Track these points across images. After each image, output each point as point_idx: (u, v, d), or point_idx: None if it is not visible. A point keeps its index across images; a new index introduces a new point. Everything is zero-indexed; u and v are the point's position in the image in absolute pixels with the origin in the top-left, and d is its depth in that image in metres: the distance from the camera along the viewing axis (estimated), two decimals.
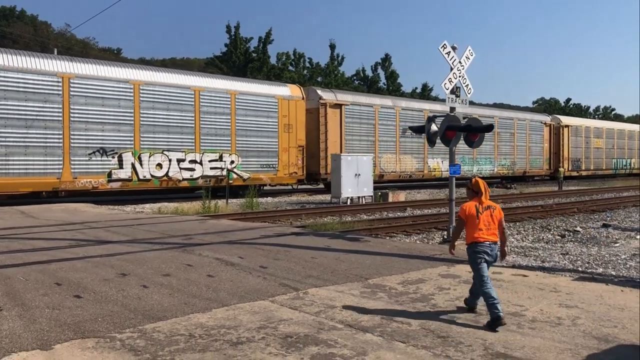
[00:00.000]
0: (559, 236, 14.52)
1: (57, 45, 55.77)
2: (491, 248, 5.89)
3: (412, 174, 34.92)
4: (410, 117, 34.76)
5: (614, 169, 54.08)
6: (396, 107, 34.56)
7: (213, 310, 6.00)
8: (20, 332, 5.20)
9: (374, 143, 32.85)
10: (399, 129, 34.17)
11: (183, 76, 25.57)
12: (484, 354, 4.69)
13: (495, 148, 41.05)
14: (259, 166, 27.43)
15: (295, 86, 30.40)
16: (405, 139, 34.42)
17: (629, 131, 57.50)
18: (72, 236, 11.79)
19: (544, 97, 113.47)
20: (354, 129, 31.87)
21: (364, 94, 36.97)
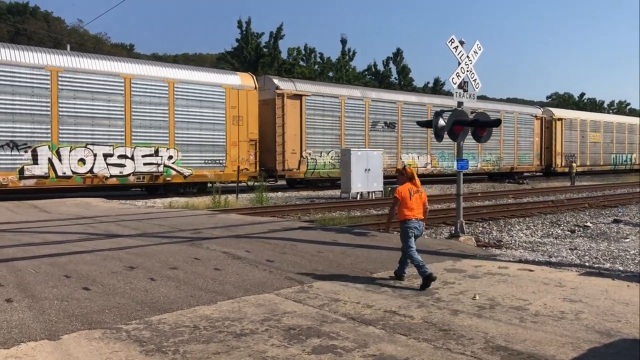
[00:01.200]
0: (568, 231, 14.46)
1: (71, 41, 56.20)
2: (419, 224, 7.29)
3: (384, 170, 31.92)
4: (381, 109, 32.49)
5: (613, 165, 51.04)
6: (365, 99, 31.92)
7: (218, 303, 6.08)
8: (29, 322, 5.31)
9: (340, 137, 30.53)
10: (368, 122, 31.82)
11: (111, 62, 23.04)
12: (485, 347, 4.72)
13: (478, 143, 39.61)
14: (202, 162, 25.09)
15: (247, 75, 27.73)
16: (376, 132, 32.18)
17: (630, 124, 54.18)
18: (82, 230, 11.94)
19: (557, 92, 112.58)
20: (316, 122, 29.48)
21: (328, 84, 34.37)
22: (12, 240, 10.28)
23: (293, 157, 28.56)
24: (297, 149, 28.72)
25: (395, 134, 33.00)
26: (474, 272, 7.81)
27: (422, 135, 34.26)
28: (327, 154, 29.92)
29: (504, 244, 12.00)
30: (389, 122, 32.72)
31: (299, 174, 28.69)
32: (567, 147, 45.13)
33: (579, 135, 46.41)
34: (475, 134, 11.60)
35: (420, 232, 7.30)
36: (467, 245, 10.68)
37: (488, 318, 5.56)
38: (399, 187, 7.35)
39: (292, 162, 28.48)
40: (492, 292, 6.63)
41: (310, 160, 29.19)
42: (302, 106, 28.81)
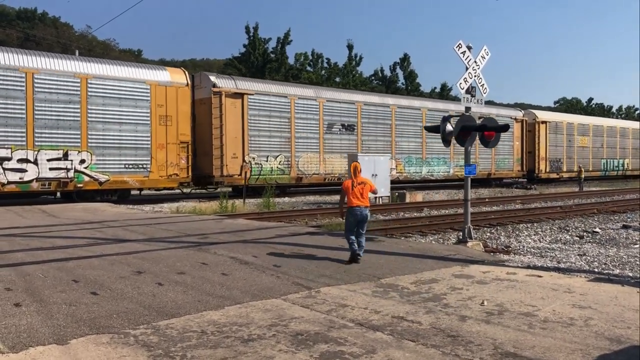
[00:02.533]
0: (577, 237, 14.37)
1: (79, 47, 56.61)
2: (361, 210, 8.88)
3: (341, 176, 29.20)
4: (338, 110, 30.14)
5: (603, 171, 48.05)
6: (319, 99, 29.32)
7: (226, 308, 6.08)
8: (38, 327, 5.33)
9: (289, 140, 28.00)
10: (323, 124, 29.28)
11: (8, 55, 20.51)
12: (494, 353, 4.69)
13: (451, 147, 33.94)
14: (122, 166, 22.44)
15: (178, 70, 25.15)
16: (332, 135, 29.71)
17: (622, 128, 51.28)
18: (90, 235, 11.99)
19: (565, 97, 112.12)
20: (261, 124, 26.97)
21: (275, 82, 31.30)
22: (20, 245, 10.34)
23: (234, 162, 25.87)
24: (239, 153, 26.09)
25: (354, 137, 30.69)
26: (482, 277, 7.77)
27: (385, 139, 32.34)
28: (275, 159, 27.45)
29: (512, 250, 11.93)
30: (347, 124, 30.49)
31: (241, 181, 25.61)
32: (552, 152, 42.70)
33: (565, 139, 44.00)
34: (483, 139, 11.56)
35: (363, 216, 8.92)
36: (475, 251, 10.63)
37: (496, 324, 5.53)
38: (345, 181, 9.14)
39: (232, 167, 25.82)
40: (500, 298, 6.60)
41: (255, 166, 26.69)
42: (244, 106, 26.30)
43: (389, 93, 52.20)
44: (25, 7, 77.43)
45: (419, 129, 33.49)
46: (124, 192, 23.36)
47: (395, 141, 32.59)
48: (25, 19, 75.41)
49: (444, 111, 33.87)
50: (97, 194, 22.24)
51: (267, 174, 27.07)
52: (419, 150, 33.99)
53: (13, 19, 75.27)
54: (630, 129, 52.16)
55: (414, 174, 33.61)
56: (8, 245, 10.34)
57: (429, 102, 36.98)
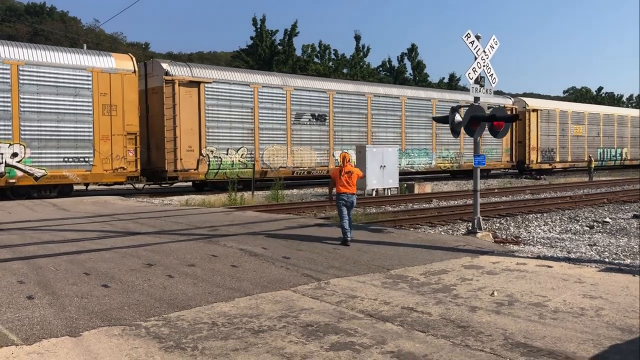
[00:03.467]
0: (587, 227, 14.30)
1: (87, 40, 56.74)
2: (347, 196, 9.80)
3: (311, 169, 27.97)
4: (307, 99, 28.11)
5: (600, 161, 45.32)
6: (286, 87, 27.34)
7: (236, 300, 6.11)
8: (50, 319, 5.38)
9: (253, 132, 26.08)
10: (290, 114, 27.38)
11: None
12: (504, 343, 4.69)
13: (433, 137, 33.78)
14: (61, 160, 20.78)
15: (125, 56, 23.07)
16: (302, 126, 27.81)
17: (619, 116, 48.30)
18: (101, 228, 12.07)
19: (574, 87, 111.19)
20: (220, 114, 25.06)
21: (237, 70, 28.71)
22: (32, 238, 10.42)
23: (189, 155, 24.01)
24: (195, 146, 24.21)
25: (326, 127, 28.73)
26: (491, 268, 7.75)
27: (360, 130, 30.46)
28: (237, 152, 25.50)
29: (521, 240, 11.89)
30: (318, 114, 28.50)
31: (198, 175, 24.26)
32: (544, 142, 40.34)
33: (558, 128, 41.57)
34: (492, 129, 11.50)
35: (350, 203, 9.84)
36: (485, 242, 10.61)
37: (507, 314, 5.52)
38: (332, 170, 10.28)
39: (188, 161, 23.95)
40: (510, 288, 6.58)
41: (213, 159, 24.73)
42: (200, 95, 24.40)
43: (397, 84, 51.74)
44: (33, 2, 77.68)
45: (397, 119, 32.05)
46: (64, 188, 21.61)
47: (372, 132, 30.85)
48: (34, 14, 75.67)
49: (426, 99, 33.35)
50: (34, 190, 20.70)
51: (228, 168, 25.11)
52: (398, 141, 31.96)
53: (22, 14, 75.57)
54: (629, 117, 49.63)
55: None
56: (20, 238, 10.43)
57: (409, 90, 34.66)
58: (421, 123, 33.10)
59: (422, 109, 33.18)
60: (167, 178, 23.92)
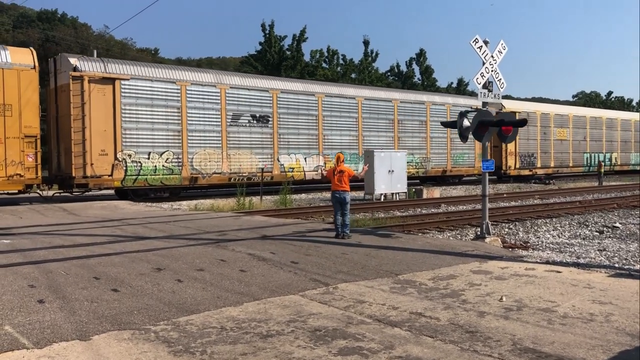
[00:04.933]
0: (596, 232, 14.22)
1: (97, 46, 57.21)
2: (340, 194, 10.83)
3: (252, 175, 25.51)
4: (246, 98, 25.62)
5: (587, 166, 43.09)
6: (220, 85, 24.85)
7: (244, 304, 6.13)
8: (61, 323, 5.43)
9: (180, 134, 23.51)
10: (226, 114, 24.91)
11: None
12: (512, 349, 4.68)
13: (395, 140, 31.31)
14: None
15: (24, 50, 20.82)
16: (240, 128, 25.36)
17: (608, 119, 45.43)
18: (110, 232, 12.15)
19: (584, 91, 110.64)
20: (140, 114, 22.47)
21: (160, 66, 25.99)
22: (43, 243, 10.51)
23: (102, 159, 21.45)
24: (110, 150, 21.67)
25: (269, 129, 26.29)
26: (500, 273, 7.73)
27: (309, 132, 27.90)
28: (160, 156, 22.91)
29: (530, 245, 11.85)
30: (260, 115, 26.05)
31: (113, 182, 21.77)
32: (524, 146, 37.67)
33: (539, 132, 39.12)
34: (500, 134, 11.48)
35: (341, 199, 10.81)
36: (493, 247, 10.58)
37: (515, 320, 5.51)
38: (328, 169, 11.27)
39: (100, 166, 21.39)
40: (519, 293, 6.56)
41: (132, 164, 22.13)
42: (116, 93, 21.86)
43: (405, 89, 51.44)
44: (45, 9, 78.44)
45: (354, 121, 29.59)
46: None
47: (324, 135, 28.34)
48: (46, 20, 76.38)
49: (386, 100, 31.04)
50: None
51: (150, 174, 22.61)
52: (355, 145, 29.63)
53: (33, 20, 76.31)
54: (619, 120, 46.67)
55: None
56: (31, 243, 10.53)
57: (367, 89, 32.07)
58: (381, 125, 30.81)
59: (383, 110, 30.85)
60: (74, 185, 21.23)
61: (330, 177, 11.07)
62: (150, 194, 22.78)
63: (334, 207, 11.02)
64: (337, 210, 10.87)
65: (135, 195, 22.78)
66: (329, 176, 11.15)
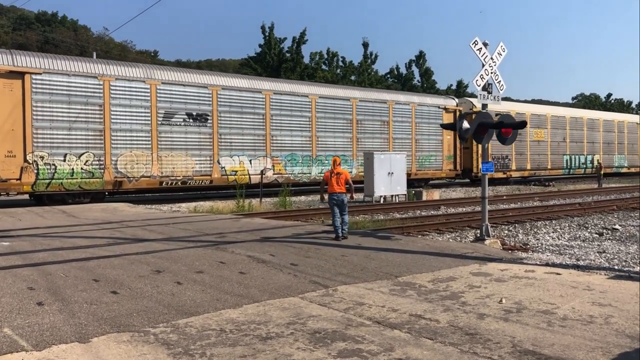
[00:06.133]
0: (596, 234, 14.22)
1: (96, 49, 57.24)
2: (337, 196, 11.04)
3: (188, 179, 23.79)
4: (181, 95, 23.74)
5: (567, 169, 41.69)
6: (151, 81, 22.84)
7: (244, 306, 6.13)
8: (60, 325, 5.42)
9: (102, 134, 21.58)
10: (157, 112, 22.93)
11: None
12: (512, 351, 4.67)
13: (353, 141, 29.61)
14: None
15: None
16: (174, 127, 23.42)
17: (589, 119, 43.88)
18: (110, 234, 12.14)
19: (583, 93, 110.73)
20: (55, 112, 20.64)
21: (79, 59, 23.01)
22: (42, 245, 10.50)
23: (9, 162, 19.72)
24: (19, 151, 19.89)
25: (208, 129, 24.44)
26: (500, 275, 7.73)
27: (255, 133, 26.10)
28: (79, 158, 21.06)
29: (530, 247, 11.85)
30: (197, 113, 24.19)
31: (22, 186, 19.95)
32: (497, 148, 34.89)
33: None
34: (500, 137, 11.49)
35: (340, 201, 11.05)
36: (493, 249, 10.58)
37: (515, 322, 5.51)
38: (325, 172, 11.52)
39: (7, 169, 19.64)
40: (518, 295, 6.56)
41: (44, 167, 20.37)
42: (26, 89, 20.04)
43: (405, 91, 51.28)
44: (44, 11, 78.49)
45: (306, 121, 27.82)
46: None
47: (272, 135, 26.62)
48: (45, 22, 76.43)
49: (344, 99, 29.33)
50: None
51: (66, 178, 20.81)
52: (308, 146, 27.81)
53: (32, 22, 76.37)
54: (601, 120, 45.07)
55: (299, 175, 27.07)
56: (30, 245, 10.52)
57: (323, 87, 30.19)
58: (338, 126, 29.09)
59: (340, 109, 29.16)
60: None
61: (327, 180, 11.25)
62: (67, 199, 21.15)
63: (332, 209, 11.13)
64: (336, 212, 11.03)
65: (51, 200, 21.13)
66: (325, 179, 11.36)
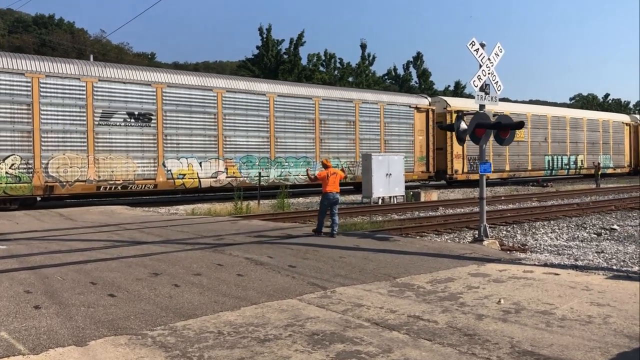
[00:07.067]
0: (594, 234, 14.22)
1: (94, 51, 57.18)
2: (334, 195, 11.67)
3: (129, 183, 21.91)
4: (122, 94, 21.86)
5: (549, 170, 40.05)
6: (86, 78, 21.07)
7: (242, 309, 6.11)
8: (57, 328, 5.40)
9: (31, 135, 19.94)
10: (93, 112, 21.15)
11: None
12: (511, 352, 4.66)
13: (316, 143, 27.81)
14: None
15: None
16: (113, 128, 21.60)
17: (572, 119, 42.34)
18: (107, 237, 12.11)
19: (581, 93, 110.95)
20: None
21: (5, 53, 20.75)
22: (39, 248, 10.47)
23: None
24: None
25: (152, 130, 22.56)
26: (498, 276, 7.72)
27: (207, 133, 24.30)
28: (3, 161, 19.40)
29: (528, 248, 11.84)
30: (139, 113, 22.31)
31: None
32: (473, 149, 32.91)
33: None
34: (498, 137, 11.49)
35: (335, 199, 11.74)
36: (491, 249, 10.57)
37: (514, 322, 5.50)
38: (321, 172, 12.01)
39: None
40: (517, 296, 6.55)
41: None
42: None
43: (402, 92, 51.02)
44: (41, 14, 78.38)
45: (264, 120, 26.00)
46: None
47: (225, 136, 24.81)
48: (42, 25, 76.33)
49: (305, 97, 27.56)
50: None
51: None
52: (265, 147, 26.09)
53: (29, 25, 76.27)
54: (585, 120, 43.51)
55: (256, 178, 25.02)
56: (27, 248, 10.48)
57: (282, 85, 28.41)
58: (299, 126, 27.31)
59: (302, 109, 27.37)
60: None
61: (324, 180, 11.76)
62: None
63: (323, 208, 11.75)
64: (326, 210, 11.71)
65: None
66: (322, 178, 11.81)
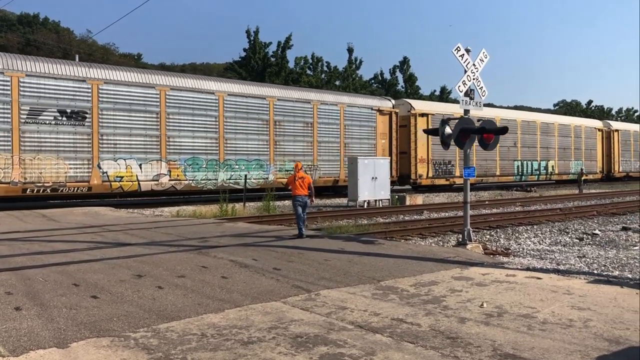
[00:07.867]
0: (576, 239, 14.39)
1: (79, 51, 56.68)
2: (302, 198, 12.14)
3: (60, 186, 20.85)
4: (53, 90, 20.78)
5: (518, 175, 39.71)
6: (11, 73, 19.90)
7: (226, 311, 6.10)
8: (38, 330, 5.34)
9: None
10: (20, 110, 20.05)
11: None
12: (492, 355, 4.70)
13: (270, 145, 26.99)
14: None
15: None
16: (42, 127, 20.48)
17: (543, 124, 41.80)
18: (91, 239, 12.01)
19: (565, 100, 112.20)
20: None
21: None
22: (21, 249, 10.36)
23: None
24: None
25: (85, 129, 21.43)
26: (481, 280, 7.79)
27: (148, 133, 23.14)
28: None
29: (511, 252, 11.95)
30: (72, 111, 21.17)
31: None
32: (438, 153, 33.04)
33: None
34: (482, 142, 11.59)
35: (303, 203, 12.18)
36: (475, 253, 10.65)
37: (496, 326, 5.55)
38: (289, 177, 12.63)
39: None
40: (499, 300, 6.61)
41: None
42: None
43: (389, 96, 51.08)
44: (26, 12, 77.60)
45: (213, 120, 25.11)
46: None
47: (168, 137, 23.73)
48: (27, 24, 75.56)
49: (258, 97, 26.68)
50: None
51: None
52: (214, 149, 25.14)
53: (14, 24, 75.45)
54: (556, 125, 43.12)
55: (203, 181, 24.39)
56: (9, 249, 10.36)
57: (234, 84, 27.36)
58: (251, 127, 26.49)
59: (254, 109, 26.55)
60: None
61: (290, 183, 12.36)
62: None
63: (296, 210, 12.27)
64: (299, 213, 12.19)
65: None
66: (289, 182, 12.47)
